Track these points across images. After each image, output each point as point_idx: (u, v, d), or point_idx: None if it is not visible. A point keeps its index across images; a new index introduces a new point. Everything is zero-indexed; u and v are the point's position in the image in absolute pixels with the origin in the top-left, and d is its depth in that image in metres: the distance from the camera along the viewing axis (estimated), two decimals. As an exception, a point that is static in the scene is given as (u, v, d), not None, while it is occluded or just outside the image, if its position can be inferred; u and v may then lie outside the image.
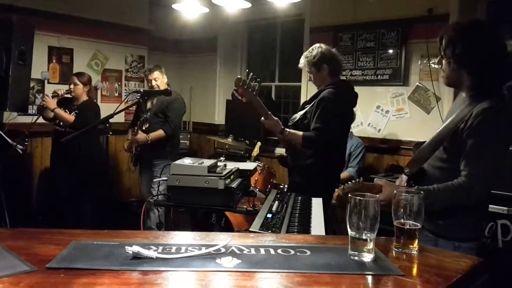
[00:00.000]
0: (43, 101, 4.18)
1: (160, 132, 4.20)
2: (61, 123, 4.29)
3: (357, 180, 1.91)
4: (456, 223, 1.80)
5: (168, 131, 4.22)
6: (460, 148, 1.74)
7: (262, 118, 2.79)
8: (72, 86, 4.33)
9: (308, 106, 2.86)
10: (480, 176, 1.70)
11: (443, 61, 1.84)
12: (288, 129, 2.79)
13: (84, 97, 4.42)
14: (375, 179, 1.96)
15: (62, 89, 4.32)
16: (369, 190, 1.84)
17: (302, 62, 2.94)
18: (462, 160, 1.74)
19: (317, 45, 2.93)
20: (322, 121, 2.71)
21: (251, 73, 2.72)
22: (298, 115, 2.93)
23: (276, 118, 2.79)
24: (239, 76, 2.73)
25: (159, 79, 4.32)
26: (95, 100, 4.78)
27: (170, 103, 4.25)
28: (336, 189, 2.04)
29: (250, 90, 2.67)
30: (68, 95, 4.33)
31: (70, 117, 4.20)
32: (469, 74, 1.78)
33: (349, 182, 2.04)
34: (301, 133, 2.76)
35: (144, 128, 4.11)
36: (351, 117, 3.02)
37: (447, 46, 1.80)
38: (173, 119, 4.27)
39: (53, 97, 4.23)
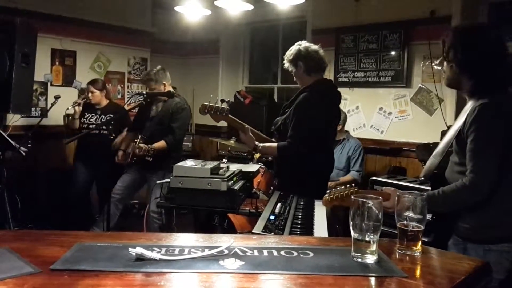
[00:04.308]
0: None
1: (162, 143, 3.71)
2: (89, 126, 4.42)
3: (350, 185, 1.83)
4: (481, 224, 1.73)
5: (170, 142, 3.73)
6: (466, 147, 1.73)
7: (240, 131, 2.82)
8: (90, 95, 4.50)
9: (288, 111, 2.82)
10: (481, 170, 1.66)
11: (445, 63, 1.86)
12: (261, 144, 2.79)
13: (104, 101, 4.60)
14: (383, 187, 1.94)
15: (78, 100, 4.53)
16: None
17: (284, 61, 2.92)
18: (467, 158, 1.72)
19: (298, 42, 2.91)
20: (296, 130, 2.68)
21: (217, 97, 2.75)
22: (280, 119, 2.90)
23: (250, 135, 2.79)
24: (204, 103, 2.71)
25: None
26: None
27: (176, 111, 3.81)
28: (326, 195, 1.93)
29: (218, 113, 2.66)
30: (87, 102, 4.52)
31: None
32: (469, 78, 1.79)
33: (337, 188, 1.91)
34: (275, 144, 2.76)
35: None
36: (336, 115, 2.98)
37: (449, 50, 1.81)
38: (178, 131, 3.80)
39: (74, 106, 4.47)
